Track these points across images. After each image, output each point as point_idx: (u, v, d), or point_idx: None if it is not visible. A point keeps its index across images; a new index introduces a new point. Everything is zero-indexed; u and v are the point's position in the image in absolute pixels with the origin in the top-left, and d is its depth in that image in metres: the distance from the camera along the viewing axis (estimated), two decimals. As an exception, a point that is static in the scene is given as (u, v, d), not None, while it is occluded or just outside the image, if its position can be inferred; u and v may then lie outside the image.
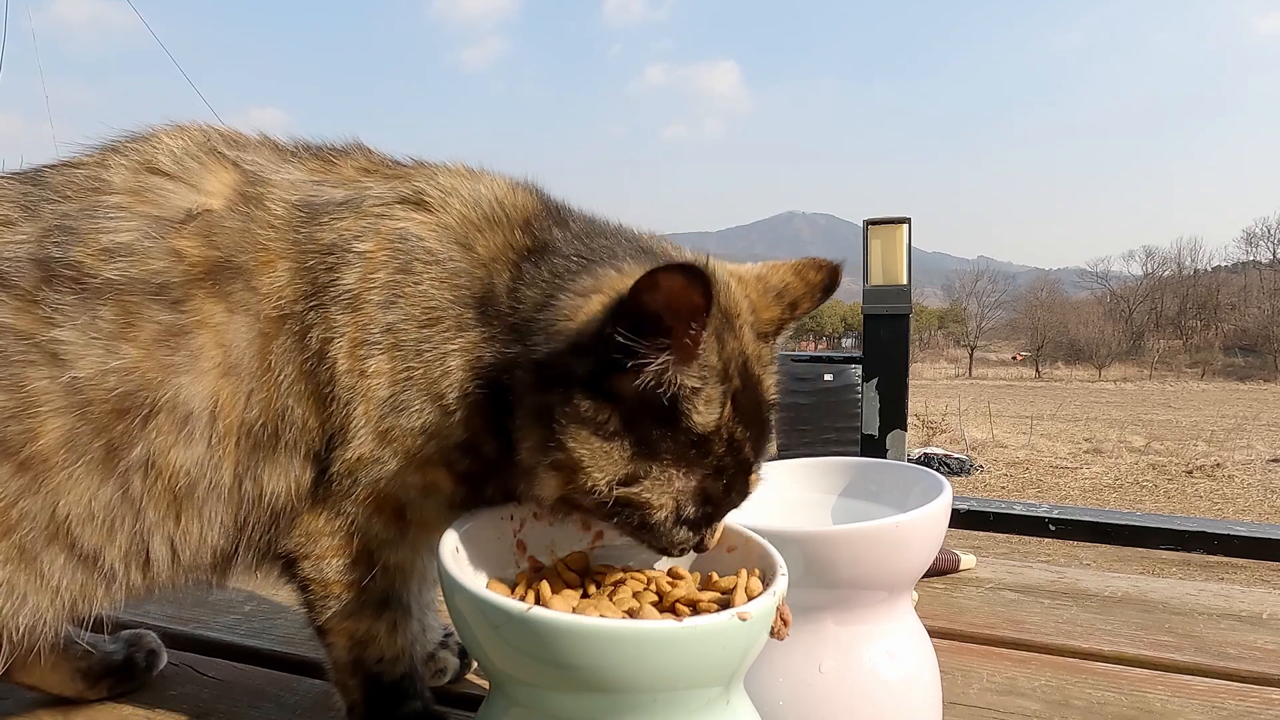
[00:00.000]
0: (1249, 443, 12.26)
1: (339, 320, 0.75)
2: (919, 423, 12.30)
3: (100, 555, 0.75)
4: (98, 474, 0.73)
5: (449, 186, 0.81)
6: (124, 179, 0.77)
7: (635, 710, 0.60)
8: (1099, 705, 0.93)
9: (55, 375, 0.71)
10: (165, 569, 0.78)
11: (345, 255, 0.76)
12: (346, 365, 0.75)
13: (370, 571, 0.81)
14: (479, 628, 0.62)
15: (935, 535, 0.80)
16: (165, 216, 0.76)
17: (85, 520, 0.73)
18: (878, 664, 0.78)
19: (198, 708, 0.94)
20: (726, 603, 0.66)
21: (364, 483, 0.77)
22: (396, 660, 0.84)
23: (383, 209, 0.78)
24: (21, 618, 0.74)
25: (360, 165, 0.84)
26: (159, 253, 0.74)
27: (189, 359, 0.74)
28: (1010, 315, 64.07)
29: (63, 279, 0.73)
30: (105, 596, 0.77)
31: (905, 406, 2.63)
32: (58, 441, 0.72)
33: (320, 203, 0.79)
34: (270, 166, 0.81)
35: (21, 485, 0.71)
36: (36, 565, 0.73)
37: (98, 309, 0.72)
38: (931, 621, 0.99)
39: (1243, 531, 1.78)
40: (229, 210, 0.77)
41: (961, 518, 1.92)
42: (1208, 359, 45.16)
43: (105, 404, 0.72)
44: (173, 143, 0.81)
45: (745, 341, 0.72)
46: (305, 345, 0.75)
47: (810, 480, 0.97)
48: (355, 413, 0.75)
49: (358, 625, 0.82)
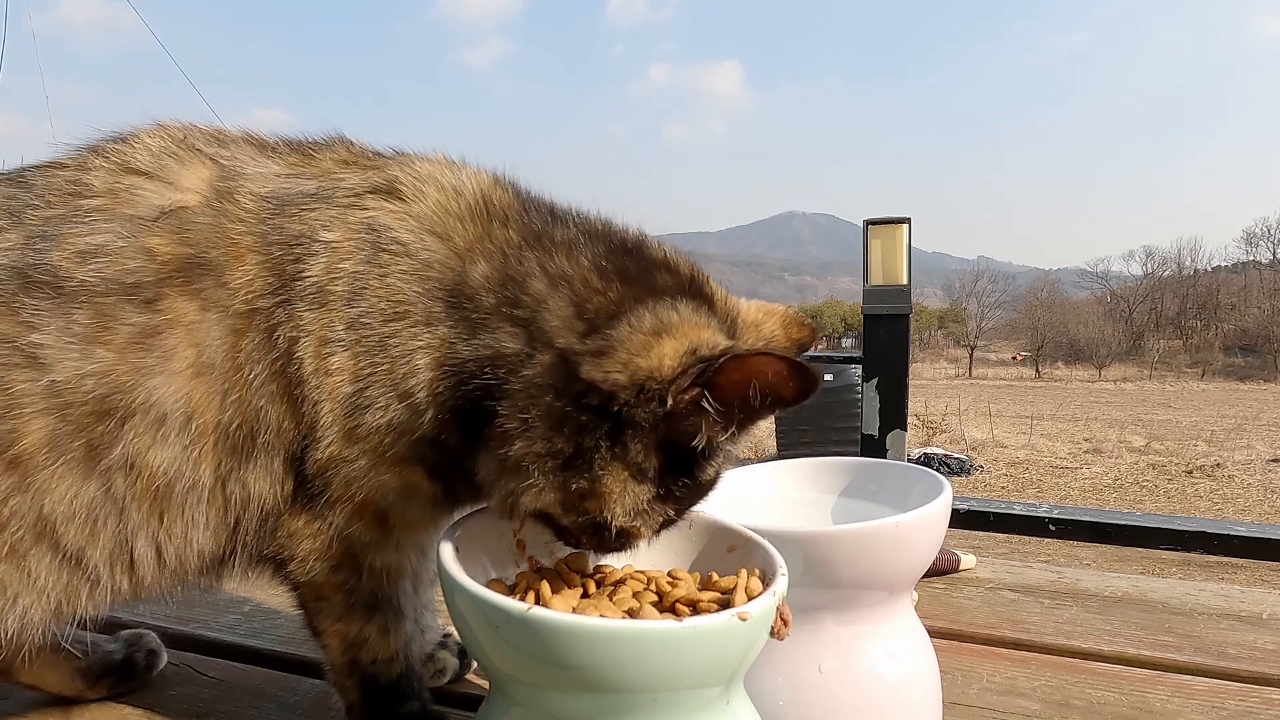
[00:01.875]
0: (1249, 443, 12.25)
1: (305, 318, 0.74)
2: (919, 423, 12.29)
3: (83, 555, 0.74)
4: (79, 473, 0.72)
5: (425, 174, 0.79)
6: (103, 180, 0.77)
7: (635, 710, 0.60)
8: (1099, 705, 0.93)
9: (35, 378, 0.71)
10: (151, 571, 0.77)
11: (311, 245, 0.75)
12: (313, 365, 0.73)
13: (355, 574, 0.80)
14: (479, 628, 0.62)
15: (935, 535, 0.80)
16: (140, 215, 0.75)
17: (68, 519, 0.73)
18: (878, 664, 0.78)
19: (198, 708, 0.94)
20: (726, 603, 0.66)
21: (336, 483, 0.76)
22: (391, 662, 0.83)
23: (353, 199, 0.77)
24: (11, 618, 0.74)
25: (340, 158, 0.83)
26: (131, 252, 0.74)
27: (161, 360, 0.73)
28: (1010, 315, 64.07)
29: (40, 284, 0.72)
30: (90, 598, 0.76)
31: (905, 406, 2.63)
32: (40, 441, 0.72)
33: (290, 194, 0.77)
34: (248, 161, 0.80)
35: (11, 483, 0.72)
36: (25, 564, 0.73)
37: (73, 313, 0.72)
38: (931, 621, 0.99)
39: (1243, 531, 1.78)
40: (203, 206, 0.76)
41: (961, 518, 1.92)
42: (1208, 359, 45.17)
43: (84, 406, 0.72)
44: (151, 141, 0.80)
45: None
46: (273, 344, 0.74)
47: (810, 480, 0.97)
48: (323, 412, 0.74)
49: (349, 628, 0.82)
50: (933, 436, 12.06)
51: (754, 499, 0.94)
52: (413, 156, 0.83)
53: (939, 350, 55.73)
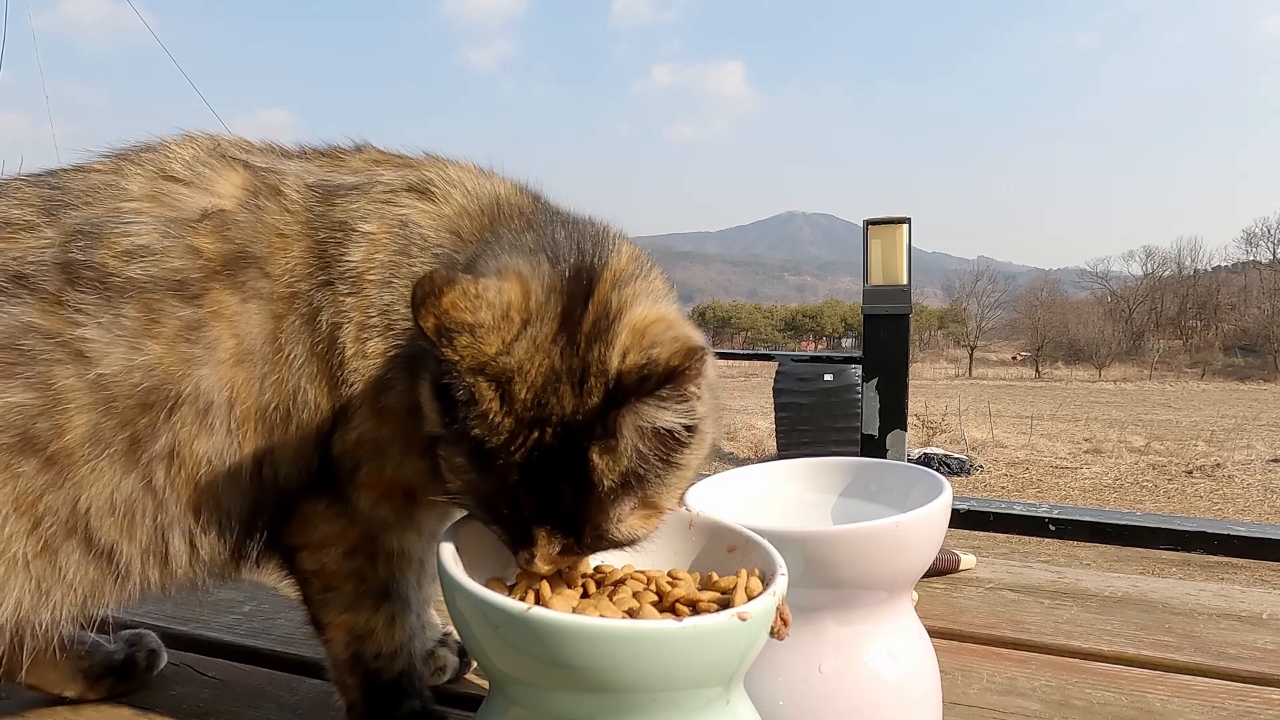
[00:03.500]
0: (1249, 443, 12.25)
1: (347, 303, 0.78)
2: (919, 423, 12.29)
3: (116, 550, 0.76)
4: (120, 467, 0.75)
5: (455, 179, 0.84)
6: (141, 186, 0.80)
7: (635, 710, 0.60)
8: (1099, 705, 0.93)
9: (81, 372, 0.74)
10: (183, 564, 0.79)
11: (352, 234, 0.80)
12: (354, 349, 0.77)
13: (369, 560, 0.82)
14: (479, 628, 0.62)
15: (935, 535, 0.80)
16: (182, 218, 0.79)
17: (105, 513, 0.75)
18: (878, 664, 0.78)
19: (198, 708, 0.94)
20: (726, 603, 0.66)
21: (366, 464, 0.79)
22: (395, 656, 0.84)
23: (390, 195, 0.82)
24: (44, 613, 0.76)
25: (370, 158, 0.88)
26: (177, 251, 0.78)
27: (207, 351, 0.76)
28: (1010, 315, 64.06)
29: (86, 280, 0.75)
30: (117, 594, 0.78)
31: (905, 406, 2.63)
32: (83, 436, 0.74)
33: (334, 185, 0.83)
34: (282, 162, 0.86)
35: (47, 480, 0.73)
36: (57, 561, 0.75)
37: (121, 308, 0.75)
38: (931, 621, 0.99)
39: (1243, 531, 1.78)
40: (241, 207, 0.81)
41: (961, 518, 1.92)
42: (1208, 359, 45.17)
43: (130, 399, 0.75)
44: (184, 151, 0.84)
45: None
46: (315, 327, 0.78)
47: (810, 480, 0.97)
48: (357, 393, 0.78)
49: (356, 618, 0.83)
50: (933, 436, 12.06)
51: (754, 499, 0.94)
52: (446, 161, 0.88)
53: (939, 350, 55.75)
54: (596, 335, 0.65)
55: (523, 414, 0.63)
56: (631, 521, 0.67)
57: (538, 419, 0.64)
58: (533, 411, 0.64)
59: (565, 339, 0.65)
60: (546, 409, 0.64)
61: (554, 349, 0.65)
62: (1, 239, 0.77)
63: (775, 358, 6.29)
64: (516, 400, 0.63)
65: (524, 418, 0.63)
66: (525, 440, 0.64)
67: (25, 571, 0.74)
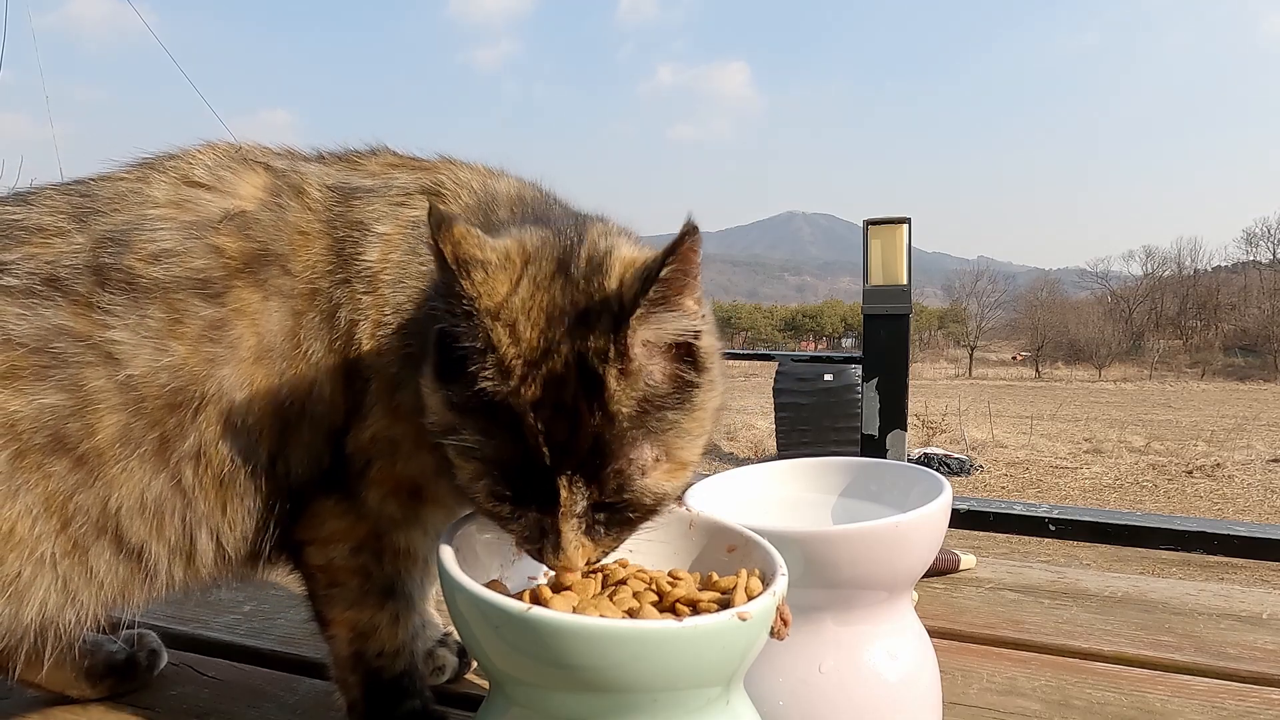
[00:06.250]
0: (1249, 443, 12.24)
1: (363, 301, 0.79)
2: (919, 423, 12.28)
3: (145, 549, 0.77)
4: (150, 466, 0.76)
5: (465, 181, 0.87)
6: (165, 193, 0.82)
7: (635, 710, 0.60)
8: (1099, 705, 0.93)
9: (111, 374, 0.75)
10: (209, 563, 0.80)
11: (368, 234, 0.82)
12: (370, 345, 0.79)
13: (375, 557, 0.83)
14: (479, 628, 0.62)
15: (935, 535, 0.81)
16: (205, 220, 0.81)
17: (135, 512, 0.76)
18: (878, 664, 0.78)
19: (198, 708, 0.95)
20: (726, 603, 0.66)
21: (378, 461, 0.80)
22: (397, 654, 0.85)
23: (404, 197, 0.85)
24: (70, 613, 0.77)
25: (386, 161, 0.90)
26: (200, 251, 0.79)
27: (229, 350, 0.78)
28: (1010, 315, 64.02)
29: (115, 283, 0.77)
30: (143, 592, 0.79)
31: (905, 406, 2.63)
32: (113, 436, 0.75)
33: (352, 187, 0.85)
34: (303, 164, 0.88)
35: (78, 480, 0.74)
36: (87, 560, 0.76)
37: (147, 309, 0.77)
38: (931, 621, 0.99)
39: (1243, 531, 1.78)
40: (262, 208, 0.83)
41: (961, 518, 1.92)
42: (1208, 359, 45.15)
43: (158, 399, 0.76)
44: (205, 157, 0.87)
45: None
46: (334, 324, 0.80)
47: (810, 480, 0.97)
48: (372, 389, 0.79)
49: (360, 615, 0.84)
50: (933, 436, 12.06)
51: (754, 499, 0.94)
52: (458, 164, 0.90)
53: (939, 350, 55.73)
54: (592, 271, 0.68)
55: (531, 354, 0.64)
56: (656, 476, 0.67)
57: (547, 353, 0.64)
58: (541, 348, 0.65)
59: (563, 278, 0.67)
60: (556, 343, 0.65)
61: (554, 285, 0.67)
62: (35, 244, 0.78)
63: (775, 358, 6.30)
64: (524, 340, 0.65)
65: (533, 358, 0.64)
66: (538, 377, 0.64)
67: (53, 571, 0.75)
